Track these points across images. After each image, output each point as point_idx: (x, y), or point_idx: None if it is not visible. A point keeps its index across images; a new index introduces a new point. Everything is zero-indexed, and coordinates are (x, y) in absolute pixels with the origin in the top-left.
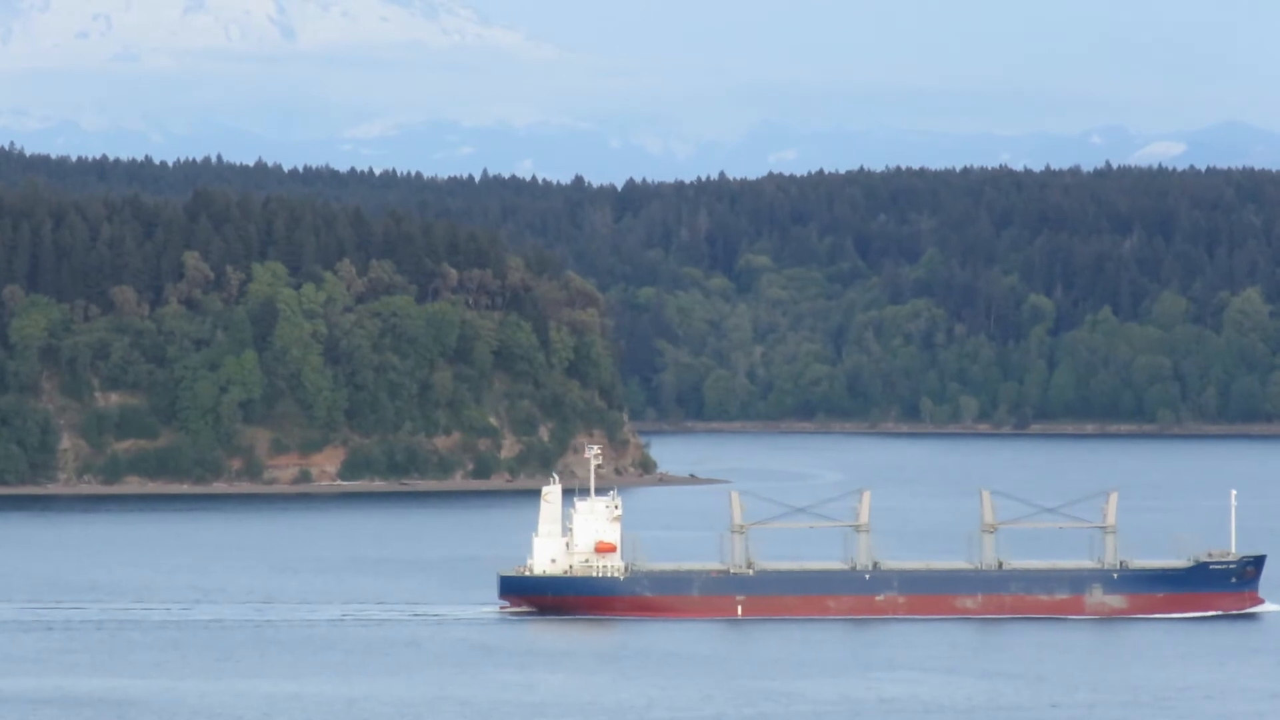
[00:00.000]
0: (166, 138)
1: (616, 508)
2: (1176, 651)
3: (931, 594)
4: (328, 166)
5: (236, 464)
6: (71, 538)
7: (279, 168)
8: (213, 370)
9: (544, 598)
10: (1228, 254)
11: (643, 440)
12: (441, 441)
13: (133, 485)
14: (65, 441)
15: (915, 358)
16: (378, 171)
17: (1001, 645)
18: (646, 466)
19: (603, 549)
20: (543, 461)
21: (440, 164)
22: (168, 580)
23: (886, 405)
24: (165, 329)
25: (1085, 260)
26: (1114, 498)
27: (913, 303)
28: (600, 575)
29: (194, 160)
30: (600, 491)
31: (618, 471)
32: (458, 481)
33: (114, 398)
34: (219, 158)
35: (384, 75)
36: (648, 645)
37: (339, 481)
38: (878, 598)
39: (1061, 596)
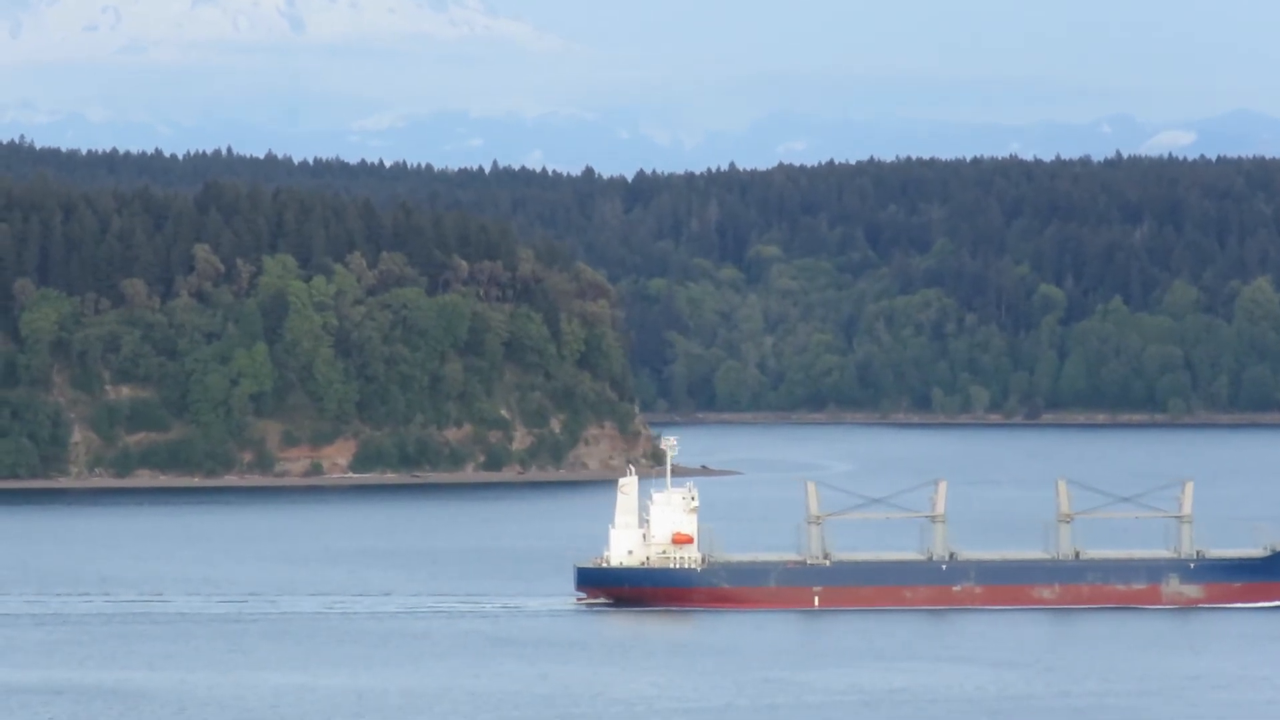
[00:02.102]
0: (175, 130)
1: (693, 499)
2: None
3: (1009, 584)
4: (337, 158)
5: (248, 457)
6: (83, 531)
7: (288, 160)
8: (224, 363)
9: (621, 589)
10: (1238, 243)
11: (654, 432)
12: (453, 433)
13: (144, 478)
14: (76, 435)
15: (926, 348)
16: (387, 163)
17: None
18: (657, 458)
19: (680, 540)
20: (554, 453)
21: (449, 155)
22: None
23: (897, 396)
24: (176, 322)
25: (1096, 250)
26: (1189, 487)
27: (923, 293)
28: (677, 567)
29: (203, 153)
30: (677, 482)
31: (629, 463)
32: (469, 474)
33: (125, 391)
34: (228, 150)
35: (392, 67)
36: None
37: (350, 474)
38: (955, 588)
39: (1138, 586)
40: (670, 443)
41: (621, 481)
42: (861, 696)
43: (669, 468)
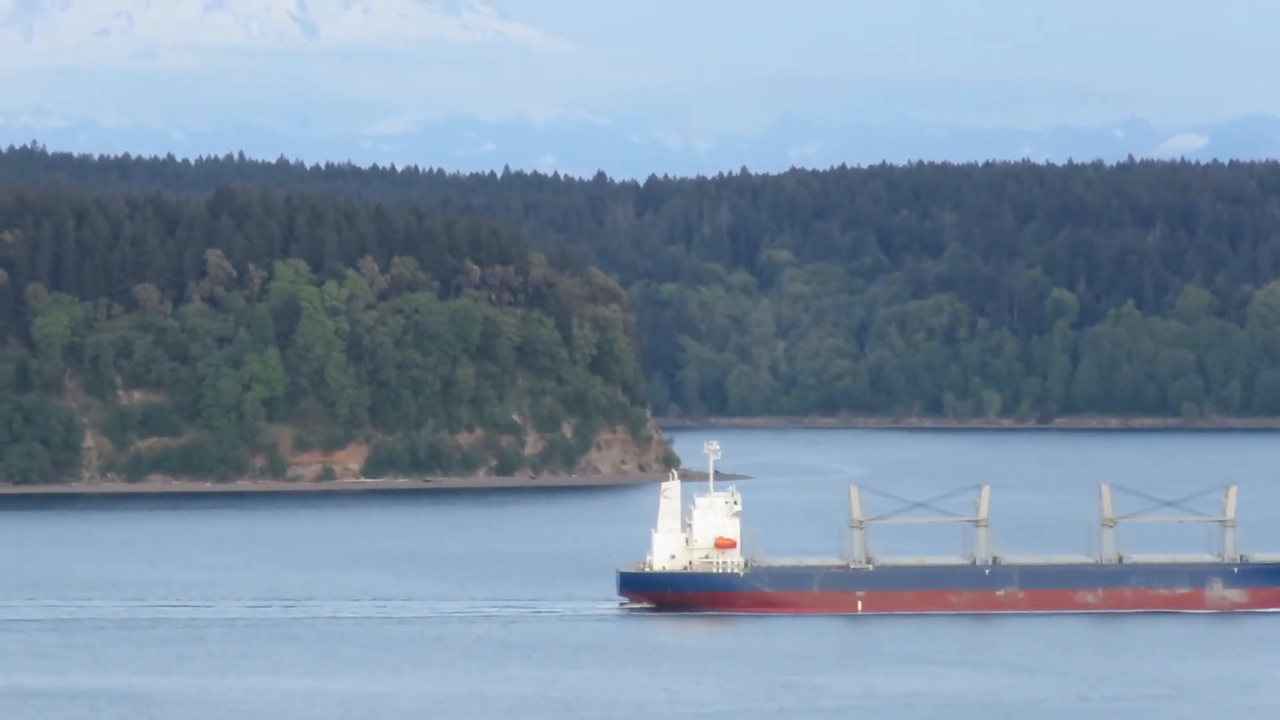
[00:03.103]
0: (187, 135)
1: (736, 503)
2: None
3: (1052, 589)
4: (349, 163)
5: (260, 462)
6: (95, 536)
7: (300, 165)
8: (236, 368)
9: (663, 594)
10: (1251, 247)
11: (665, 436)
12: (464, 438)
13: (156, 483)
14: (89, 440)
15: (938, 352)
16: (399, 168)
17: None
18: (669, 462)
19: (723, 545)
20: (565, 458)
21: (461, 160)
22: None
23: (909, 400)
24: (188, 327)
25: (1108, 254)
26: (1233, 491)
27: (935, 297)
28: (720, 571)
29: (215, 158)
30: (719, 487)
31: (641, 468)
32: (481, 478)
33: (137, 396)
34: (240, 155)
35: (404, 71)
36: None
37: (362, 479)
38: (998, 593)
39: (1182, 591)
40: (713, 447)
41: (664, 486)
42: (875, 701)
43: (711, 472)
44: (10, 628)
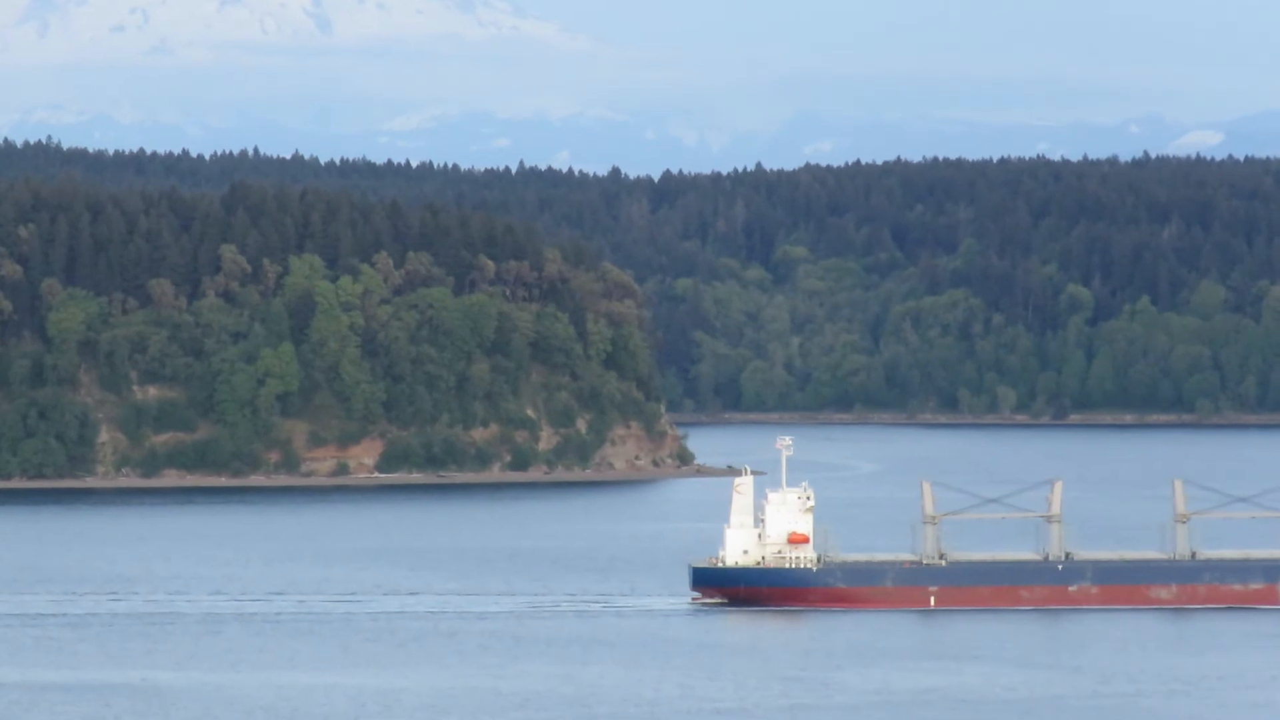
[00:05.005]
0: (203, 131)
1: (809, 499)
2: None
3: (1125, 584)
4: (364, 159)
5: (274, 457)
6: (110, 531)
7: (315, 160)
8: (250, 363)
9: (736, 589)
10: (1267, 243)
11: (680, 432)
12: (479, 434)
13: (171, 478)
14: (103, 435)
15: (953, 348)
16: (414, 164)
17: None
18: (684, 458)
19: (795, 540)
20: (580, 454)
21: (476, 156)
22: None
23: (924, 396)
24: (203, 322)
25: (1123, 250)
26: None
27: (950, 293)
28: (793, 567)
29: (230, 153)
30: (792, 482)
31: (655, 463)
32: (495, 474)
33: (152, 391)
34: (255, 151)
35: (420, 67)
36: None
37: (377, 474)
38: (1071, 588)
39: (1255, 586)
40: (786, 442)
41: (737, 481)
42: (891, 697)
43: (784, 466)
44: (24, 622)
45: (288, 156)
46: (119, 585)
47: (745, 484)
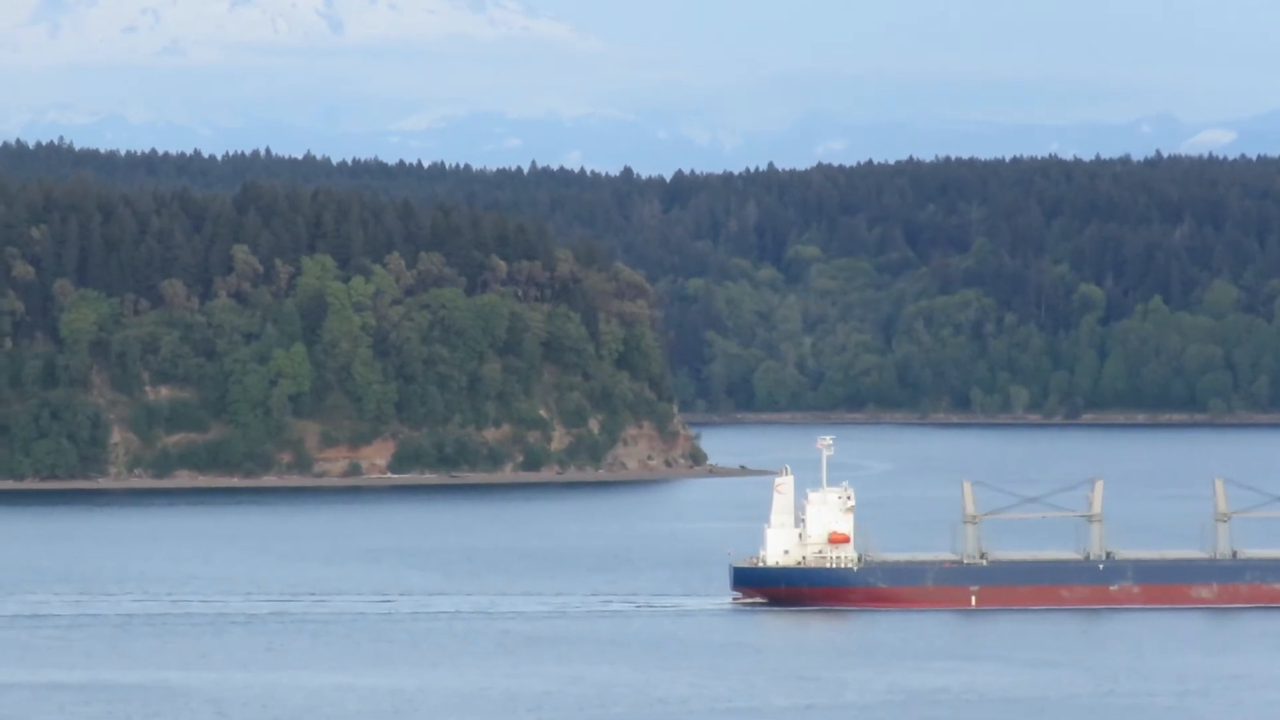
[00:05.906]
0: (214, 131)
1: (849, 498)
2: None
3: (1167, 584)
4: (376, 159)
5: (286, 457)
6: (122, 531)
7: (327, 161)
8: (262, 363)
9: (777, 589)
10: (1278, 242)
11: (692, 432)
12: (491, 434)
13: (183, 479)
14: (115, 435)
15: (965, 348)
16: (426, 164)
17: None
18: (696, 458)
19: (836, 540)
20: (592, 454)
21: (488, 156)
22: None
23: (937, 395)
24: (215, 322)
25: (1136, 249)
26: None
27: (962, 293)
28: (834, 566)
29: (242, 154)
30: (833, 482)
31: (668, 463)
32: (507, 474)
33: (164, 391)
34: (267, 151)
35: (431, 68)
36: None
37: (389, 474)
38: (1112, 588)
39: None
40: (826, 442)
41: (777, 481)
42: (902, 696)
43: (825, 465)
44: (36, 622)
45: (299, 157)
46: (131, 586)
47: (785, 484)
